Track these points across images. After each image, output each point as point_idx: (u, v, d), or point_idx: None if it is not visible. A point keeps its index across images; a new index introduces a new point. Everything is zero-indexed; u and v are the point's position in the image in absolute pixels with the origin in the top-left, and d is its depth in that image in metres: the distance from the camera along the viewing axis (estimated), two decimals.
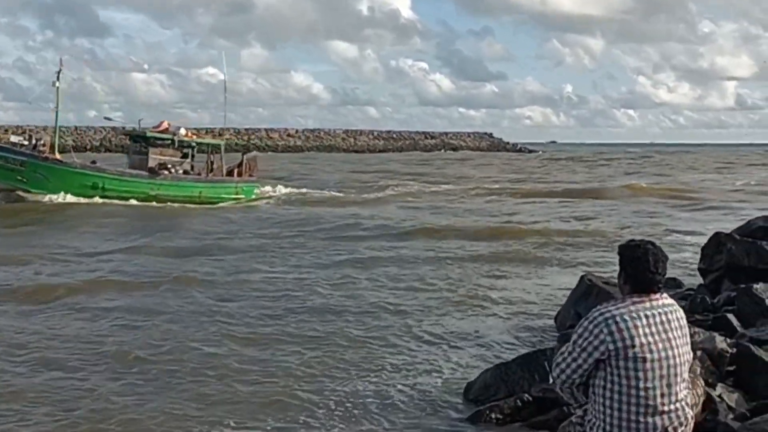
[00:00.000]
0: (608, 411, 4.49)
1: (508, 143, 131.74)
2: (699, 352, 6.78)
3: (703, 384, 5.05)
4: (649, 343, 4.41)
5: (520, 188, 38.21)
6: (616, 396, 4.46)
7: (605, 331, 4.45)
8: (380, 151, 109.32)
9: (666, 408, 4.41)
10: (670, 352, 4.44)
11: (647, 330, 4.44)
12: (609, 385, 4.50)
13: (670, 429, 4.42)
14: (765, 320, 8.21)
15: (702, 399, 4.96)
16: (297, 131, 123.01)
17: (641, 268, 4.55)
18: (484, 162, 71.48)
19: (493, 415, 7.12)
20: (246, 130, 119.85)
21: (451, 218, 24.19)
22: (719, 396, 6.08)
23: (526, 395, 7.20)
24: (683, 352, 4.50)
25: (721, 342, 7.11)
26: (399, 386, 8.21)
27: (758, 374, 6.59)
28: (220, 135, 40.57)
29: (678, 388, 4.44)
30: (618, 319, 4.47)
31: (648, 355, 4.40)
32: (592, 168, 63.18)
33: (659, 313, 4.52)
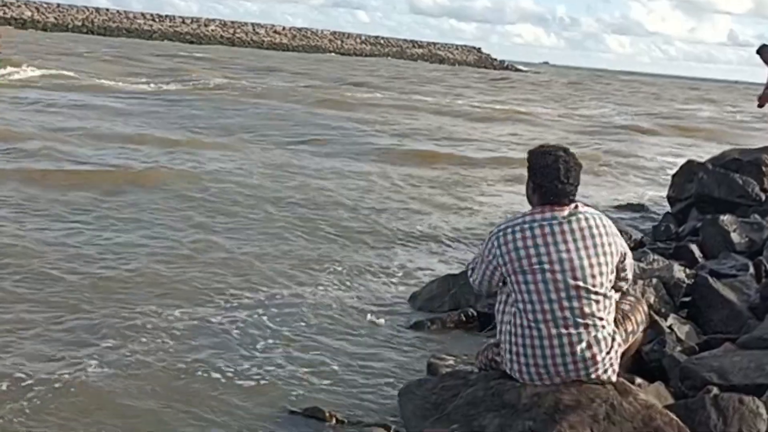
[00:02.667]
0: (510, 329, 4.16)
1: (495, 60, 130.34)
2: (654, 280, 6.51)
3: (646, 310, 4.67)
4: (539, 255, 4.07)
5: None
6: (516, 317, 4.14)
7: (495, 244, 4.19)
8: (366, 56, 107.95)
9: (571, 324, 4.04)
10: (568, 264, 4.06)
11: (540, 240, 4.10)
12: (506, 307, 4.21)
13: (578, 348, 4.03)
14: (727, 253, 7.94)
15: (643, 326, 4.58)
16: (284, 29, 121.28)
17: (550, 176, 4.19)
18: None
19: (434, 327, 6.84)
20: (232, 23, 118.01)
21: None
22: (669, 327, 5.79)
23: (471, 309, 6.91)
24: (591, 264, 4.10)
25: (678, 272, 6.83)
26: (342, 290, 7.90)
27: (712, 307, 6.31)
28: None
29: (584, 303, 4.06)
30: (509, 231, 4.17)
31: (538, 267, 4.07)
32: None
33: (561, 222, 4.14)
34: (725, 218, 8.48)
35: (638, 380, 4.75)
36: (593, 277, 4.07)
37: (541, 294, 4.04)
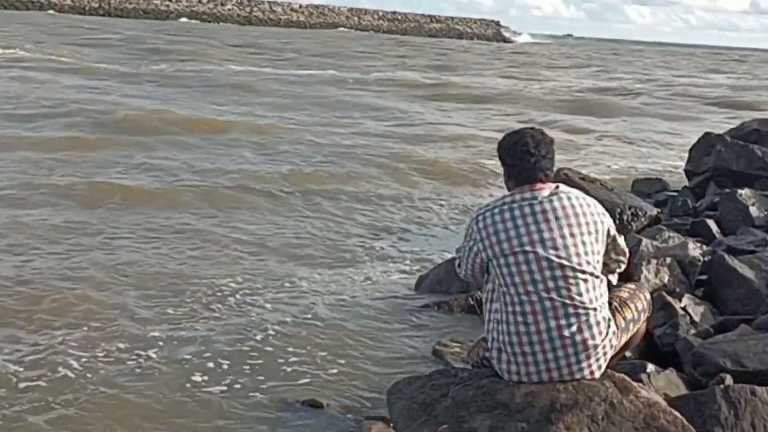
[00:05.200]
0: (495, 317, 3.94)
1: (514, 32, 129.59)
2: (669, 259, 6.30)
3: (648, 297, 4.40)
4: (520, 236, 3.85)
5: None
6: (500, 304, 3.90)
7: (475, 228, 4.00)
8: (384, 32, 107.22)
9: (558, 305, 3.80)
10: (551, 243, 3.84)
11: (520, 221, 3.87)
12: (492, 295, 3.97)
13: (566, 331, 3.78)
14: (746, 228, 7.70)
15: (645, 315, 4.32)
16: (301, 6, 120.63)
17: (519, 152, 3.99)
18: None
19: (441, 312, 6.65)
20: (249, 1, 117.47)
21: None
22: (684, 308, 5.58)
23: (479, 293, 6.68)
24: (575, 243, 3.86)
25: (693, 250, 6.60)
26: (348, 276, 7.71)
27: (729, 286, 6.09)
28: None
29: (570, 282, 3.82)
30: (488, 214, 3.98)
31: (519, 249, 3.84)
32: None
33: (541, 202, 3.91)
34: (744, 192, 8.24)
35: (650, 367, 4.55)
36: (578, 255, 3.83)
37: (524, 275, 3.81)
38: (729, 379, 4.23)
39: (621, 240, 4.26)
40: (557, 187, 4.01)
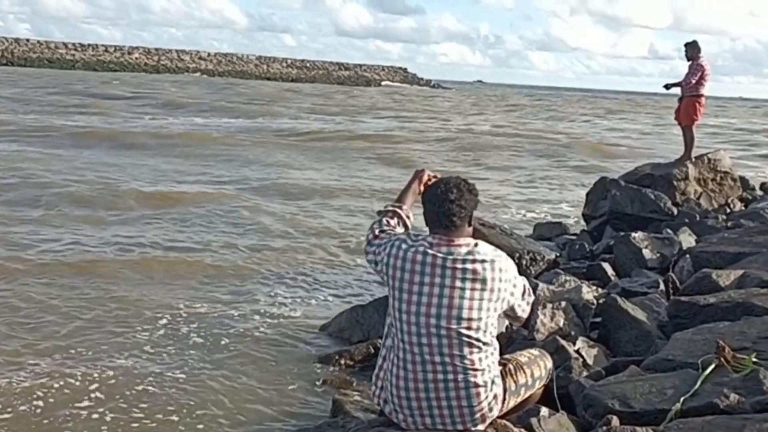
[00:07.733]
0: (387, 351, 4.07)
1: (422, 79, 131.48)
2: (564, 303, 6.44)
3: (549, 366, 4.49)
4: (422, 284, 3.87)
5: None
6: (390, 340, 4.05)
7: (387, 252, 4.02)
8: (292, 80, 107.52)
9: (438, 367, 3.88)
10: (448, 302, 3.85)
11: (428, 271, 3.88)
12: (389, 327, 4.06)
13: (443, 387, 3.89)
14: (640, 270, 7.94)
15: (542, 383, 4.40)
16: (209, 54, 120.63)
17: (436, 198, 4.00)
18: None
19: (342, 361, 6.63)
20: (156, 50, 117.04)
21: None
22: (577, 351, 5.70)
23: (380, 341, 6.71)
24: (470, 307, 3.87)
25: (587, 293, 6.77)
26: (249, 322, 7.68)
27: (622, 328, 6.24)
28: None
29: (454, 343, 3.87)
30: (403, 246, 3.97)
31: (415, 299, 3.87)
32: None
33: (455, 260, 3.90)
34: (636, 235, 8.49)
35: (543, 410, 4.62)
36: (470, 320, 3.86)
37: (411, 326, 3.86)
38: (615, 421, 4.32)
39: (521, 305, 4.22)
40: (476, 245, 4.00)
